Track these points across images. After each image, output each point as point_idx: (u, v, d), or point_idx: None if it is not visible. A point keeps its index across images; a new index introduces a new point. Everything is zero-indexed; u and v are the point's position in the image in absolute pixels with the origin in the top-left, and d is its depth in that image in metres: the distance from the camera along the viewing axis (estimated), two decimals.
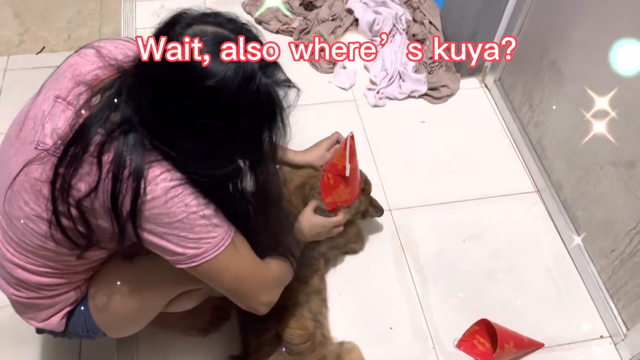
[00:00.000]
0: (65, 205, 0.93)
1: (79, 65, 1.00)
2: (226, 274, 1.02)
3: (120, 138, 0.90)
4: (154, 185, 0.90)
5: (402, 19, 2.28)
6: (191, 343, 1.47)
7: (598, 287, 1.60)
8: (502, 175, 1.92)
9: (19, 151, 0.98)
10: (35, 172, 0.95)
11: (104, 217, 0.94)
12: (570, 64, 1.68)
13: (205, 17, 0.89)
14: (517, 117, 2.00)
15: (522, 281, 1.66)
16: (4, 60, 2.32)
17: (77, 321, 1.18)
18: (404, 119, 2.07)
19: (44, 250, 1.01)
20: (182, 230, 0.94)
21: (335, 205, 1.42)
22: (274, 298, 1.12)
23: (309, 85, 2.15)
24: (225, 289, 1.06)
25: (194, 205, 0.93)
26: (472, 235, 1.75)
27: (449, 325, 1.55)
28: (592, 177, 1.62)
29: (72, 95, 0.96)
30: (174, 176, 0.92)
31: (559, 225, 1.77)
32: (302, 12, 2.36)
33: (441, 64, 2.17)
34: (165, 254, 0.98)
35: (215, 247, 0.97)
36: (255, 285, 1.07)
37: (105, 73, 0.98)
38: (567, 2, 1.67)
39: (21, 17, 2.54)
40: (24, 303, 1.12)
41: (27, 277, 1.06)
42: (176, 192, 0.92)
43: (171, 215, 0.92)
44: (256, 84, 0.87)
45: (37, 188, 0.95)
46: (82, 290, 1.16)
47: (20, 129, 1.00)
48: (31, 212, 0.98)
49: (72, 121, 0.93)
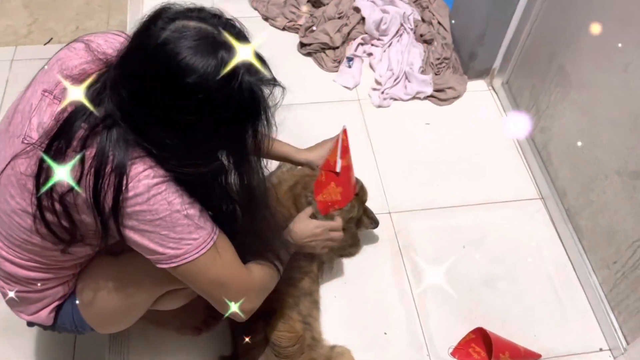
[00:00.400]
0: (49, 200, 0.92)
1: (68, 59, 0.99)
2: (205, 278, 1.01)
3: (104, 133, 0.89)
4: (137, 182, 0.89)
5: (410, 18, 2.25)
6: (183, 341, 1.46)
7: (599, 298, 1.57)
8: (506, 180, 1.89)
9: (7, 145, 0.98)
10: (21, 166, 0.94)
11: (86, 212, 0.93)
12: (578, 69, 1.64)
13: (189, 12, 0.87)
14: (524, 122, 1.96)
15: (521, 289, 1.63)
16: (11, 51, 2.32)
17: (66, 316, 1.18)
18: (408, 120, 2.04)
19: (30, 245, 1.01)
20: (163, 228, 0.93)
21: (326, 205, 1.38)
22: (255, 305, 1.10)
23: (313, 83, 2.13)
24: (204, 293, 1.05)
25: (177, 204, 0.92)
26: (473, 240, 1.72)
27: (444, 333, 1.53)
28: (596, 185, 1.58)
29: (59, 89, 0.96)
30: (157, 173, 0.91)
31: (562, 234, 1.74)
32: (309, 9, 2.33)
33: (448, 65, 2.14)
34: (146, 252, 0.97)
35: (197, 249, 0.96)
36: (235, 291, 1.05)
37: (92, 67, 0.97)
38: (576, 7, 1.63)
39: (30, 8, 2.54)
40: (14, 296, 1.12)
41: (16, 270, 1.06)
42: (159, 190, 0.91)
43: (153, 213, 0.91)
44: (238, 82, 0.85)
45: (22, 182, 0.95)
46: (70, 285, 1.15)
47: (9, 122, 1.00)
48: (17, 206, 0.97)
49: (57, 115, 0.93)
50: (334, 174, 1.36)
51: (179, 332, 1.46)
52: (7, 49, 2.32)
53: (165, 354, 1.44)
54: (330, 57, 2.17)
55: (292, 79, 2.38)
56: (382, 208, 1.77)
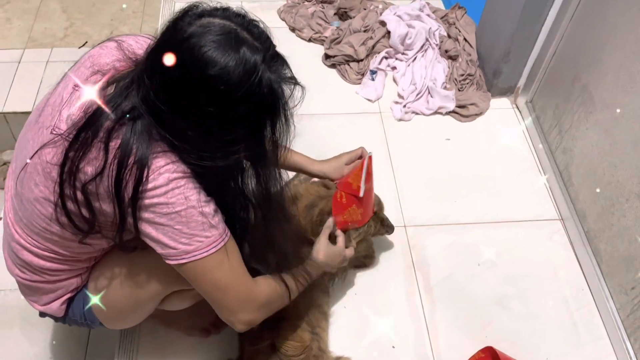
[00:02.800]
0: (72, 188, 0.96)
1: (99, 56, 1.04)
2: (209, 279, 1.02)
3: (128, 125, 0.92)
4: (157, 175, 0.92)
5: (435, 34, 2.25)
6: (192, 342, 1.48)
7: (615, 324, 1.53)
8: (525, 199, 1.86)
9: (36, 135, 1.02)
10: (48, 155, 0.98)
11: (107, 201, 0.96)
12: (602, 90, 1.62)
13: (215, 11, 0.92)
14: (546, 142, 1.94)
15: (535, 311, 1.60)
16: (47, 52, 2.40)
17: (77, 308, 1.21)
18: (429, 135, 2.04)
19: (48, 234, 1.04)
20: (177, 223, 0.95)
21: (346, 224, 1.39)
22: (255, 319, 1.09)
23: (336, 94, 2.15)
24: (207, 295, 1.06)
25: (194, 200, 0.95)
26: (487, 259, 1.70)
27: (453, 350, 1.51)
28: (617, 209, 1.55)
29: (89, 83, 1.00)
30: (179, 168, 0.94)
31: (580, 257, 1.71)
32: (336, 21, 2.36)
33: (472, 81, 2.13)
34: (158, 246, 0.99)
35: (207, 247, 0.98)
36: (237, 299, 1.05)
37: (123, 65, 1.01)
38: (601, 28, 1.61)
39: (68, 12, 2.63)
40: (28, 285, 1.16)
41: (32, 259, 1.10)
42: (178, 184, 0.94)
43: (170, 206, 0.94)
44: (258, 77, 0.88)
45: (47, 170, 0.99)
46: (83, 278, 1.19)
47: (39, 114, 1.05)
48: (40, 194, 1.01)
49: (86, 108, 0.97)
50: (355, 198, 1.36)
51: (187, 333, 1.48)
52: (44, 51, 2.40)
53: (173, 354, 1.46)
54: (354, 70, 2.19)
55: (316, 90, 2.42)
56: (398, 221, 1.76)
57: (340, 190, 1.38)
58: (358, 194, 1.34)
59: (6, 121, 2.14)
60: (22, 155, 1.06)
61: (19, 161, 1.06)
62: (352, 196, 1.36)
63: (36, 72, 2.24)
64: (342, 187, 1.38)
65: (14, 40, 2.45)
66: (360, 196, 1.34)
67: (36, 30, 2.52)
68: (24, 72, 2.28)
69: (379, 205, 1.53)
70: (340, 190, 1.37)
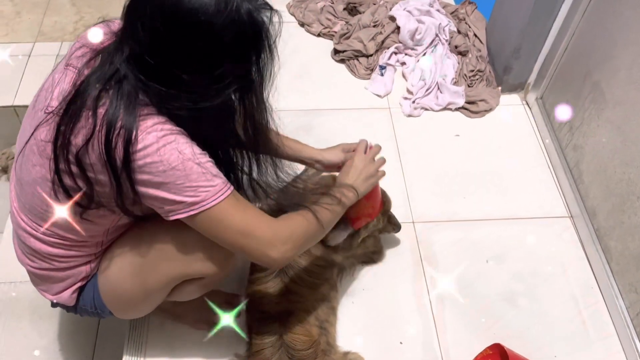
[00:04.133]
0: (66, 162, 0.97)
1: (88, 37, 1.05)
2: (227, 226, 1.01)
3: (114, 89, 0.93)
4: (146, 135, 0.93)
5: (445, 29, 2.24)
6: (199, 336, 1.48)
7: (625, 323, 1.52)
8: (534, 197, 1.85)
9: (32, 120, 1.04)
10: (42, 134, 1.00)
11: (101, 170, 0.96)
12: (614, 88, 1.60)
13: None
14: (556, 138, 1.93)
15: (543, 308, 1.59)
16: (57, 46, 2.41)
17: (87, 297, 1.21)
18: (438, 130, 2.03)
19: (51, 215, 1.05)
20: (178, 178, 0.95)
21: (359, 219, 1.38)
22: (287, 252, 1.05)
23: (345, 90, 2.15)
24: (230, 244, 1.04)
25: (188, 154, 0.95)
26: (496, 255, 1.70)
27: (461, 347, 1.51)
28: (627, 206, 1.54)
29: (78, 59, 1.01)
30: (166, 126, 0.95)
31: (590, 254, 1.70)
32: (345, 16, 2.35)
33: (482, 77, 2.12)
34: (163, 204, 0.98)
35: (215, 195, 0.98)
36: (262, 238, 1.03)
37: (110, 41, 1.02)
38: (614, 24, 1.60)
39: (77, 6, 2.64)
40: (38, 274, 1.17)
41: (39, 246, 1.11)
42: (168, 140, 0.94)
43: (165, 163, 0.94)
44: (235, 5, 0.89)
45: (42, 149, 1.00)
46: (92, 267, 1.19)
47: (35, 101, 1.07)
48: (37, 175, 1.02)
49: (74, 81, 0.98)
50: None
51: (195, 327, 1.48)
52: (54, 44, 2.41)
53: (181, 347, 1.47)
54: (363, 65, 2.18)
55: (324, 85, 2.41)
56: (406, 217, 1.76)
57: None
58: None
59: (16, 114, 2.15)
60: (20, 142, 1.07)
61: (19, 149, 1.08)
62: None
63: (46, 65, 2.25)
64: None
65: (24, 34, 2.46)
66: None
67: (46, 24, 2.53)
68: (33, 66, 2.29)
69: (387, 200, 1.52)
70: None
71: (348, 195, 1.22)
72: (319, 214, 1.12)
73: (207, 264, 1.14)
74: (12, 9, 2.58)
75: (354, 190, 1.23)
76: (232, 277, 1.50)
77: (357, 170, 1.27)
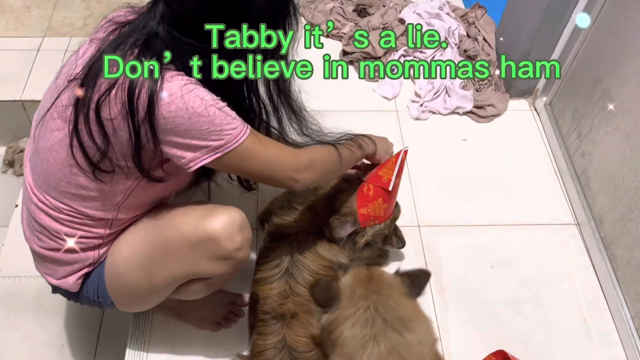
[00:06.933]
0: (86, 120, 0.99)
1: (115, 17, 1.09)
2: (253, 160, 1.06)
3: (141, 47, 0.97)
4: (169, 83, 0.96)
5: (455, 33, 2.23)
6: (202, 336, 1.48)
7: (630, 332, 1.51)
8: (541, 203, 1.85)
9: (54, 91, 1.07)
10: (64, 100, 1.03)
11: (121, 124, 0.98)
12: (623, 95, 1.59)
13: None
14: (564, 145, 1.92)
15: (548, 315, 1.58)
16: (66, 41, 2.42)
17: (91, 284, 1.22)
18: (445, 134, 2.02)
19: (64, 184, 1.07)
20: (203, 124, 0.98)
21: (368, 218, 1.38)
22: (309, 178, 1.14)
23: (353, 92, 2.14)
24: (257, 176, 1.13)
25: (210, 99, 0.99)
26: (501, 261, 1.69)
27: (465, 352, 1.50)
28: (635, 215, 1.53)
29: (103, 31, 1.05)
30: (186, 77, 0.98)
31: (596, 262, 1.69)
32: (354, 18, 2.35)
33: (490, 82, 2.11)
34: (187, 151, 1.01)
35: (237, 136, 1.02)
36: (287, 166, 1.10)
37: (136, 17, 1.05)
38: (625, 31, 1.59)
39: (87, 1, 2.64)
40: (44, 255, 1.17)
41: (49, 223, 1.12)
42: (191, 88, 0.97)
43: (189, 110, 0.96)
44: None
45: (62, 113, 1.03)
46: (101, 252, 1.19)
47: (57, 76, 1.09)
48: (54, 140, 1.05)
49: (100, 46, 1.02)
50: (384, 191, 1.36)
51: (199, 326, 1.48)
52: (63, 40, 2.41)
53: (183, 345, 1.47)
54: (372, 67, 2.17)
55: (332, 87, 2.39)
56: (412, 221, 1.76)
57: (369, 182, 1.37)
58: (387, 187, 1.34)
59: (24, 109, 2.15)
60: (39, 114, 1.10)
61: (37, 121, 1.11)
62: (381, 189, 1.36)
63: (55, 60, 2.26)
64: (371, 179, 1.38)
65: (33, 28, 2.46)
66: (389, 189, 1.34)
67: (55, 19, 2.53)
68: (42, 61, 2.29)
69: (397, 211, 1.52)
70: (368, 183, 1.37)
71: (369, 144, 1.34)
72: (340, 149, 1.21)
73: (215, 264, 1.14)
74: (21, 4, 2.58)
75: (374, 145, 1.35)
76: (236, 277, 1.49)
77: (380, 140, 1.41)
